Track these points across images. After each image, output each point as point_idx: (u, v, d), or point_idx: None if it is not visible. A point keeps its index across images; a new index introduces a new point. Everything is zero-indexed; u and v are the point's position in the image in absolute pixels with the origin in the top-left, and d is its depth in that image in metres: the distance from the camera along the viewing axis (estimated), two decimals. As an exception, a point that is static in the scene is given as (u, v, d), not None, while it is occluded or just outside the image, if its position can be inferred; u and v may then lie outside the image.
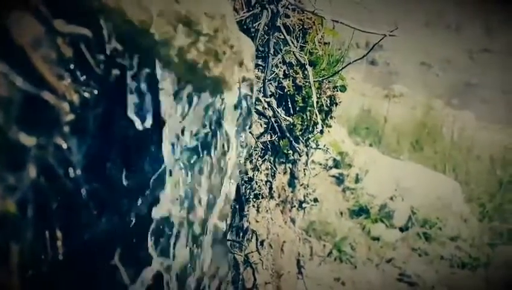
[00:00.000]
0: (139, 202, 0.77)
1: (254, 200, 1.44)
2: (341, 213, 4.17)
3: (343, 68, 1.66)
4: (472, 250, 3.84)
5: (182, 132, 0.72)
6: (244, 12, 1.33)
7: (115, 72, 0.59)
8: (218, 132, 0.78)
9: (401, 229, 4.11)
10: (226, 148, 0.80)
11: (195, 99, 0.72)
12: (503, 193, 4.61)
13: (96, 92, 0.57)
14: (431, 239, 3.98)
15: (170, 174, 0.73)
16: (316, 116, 1.56)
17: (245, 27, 1.35)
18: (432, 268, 3.62)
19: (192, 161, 0.76)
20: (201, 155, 0.77)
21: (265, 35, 1.41)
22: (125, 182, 0.74)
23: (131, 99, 0.63)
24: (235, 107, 0.81)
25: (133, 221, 0.76)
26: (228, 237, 1.31)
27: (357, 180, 4.60)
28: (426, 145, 5.91)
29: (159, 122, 0.68)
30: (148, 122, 0.65)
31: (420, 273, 3.44)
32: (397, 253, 3.81)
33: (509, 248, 3.87)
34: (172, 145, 0.71)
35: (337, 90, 1.76)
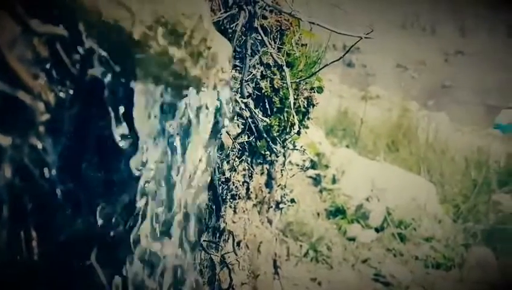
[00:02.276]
0: (115, 201, 0.76)
1: (231, 200, 1.44)
2: (318, 214, 4.20)
3: (320, 70, 1.67)
4: (446, 250, 3.90)
5: (157, 132, 0.72)
6: (221, 13, 1.33)
7: (91, 71, 0.59)
8: (192, 134, 0.78)
9: (377, 230, 4.16)
10: (200, 150, 0.81)
11: (171, 100, 0.73)
12: (477, 194, 4.70)
13: (71, 91, 0.57)
14: (406, 240, 4.04)
15: (144, 174, 0.73)
16: (293, 117, 1.57)
17: (222, 28, 1.35)
18: (406, 268, 3.67)
19: (166, 162, 0.76)
20: (174, 157, 0.77)
21: (242, 36, 1.41)
22: (101, 182, 0.74)
23: (107, 99, 0.63)
24: (213, 108, 0.81)
25: (110, 221, 0.76)
26: (204, 237, 1.31)
27: (333, 181, 4.63)
28: (402, 146, 5.99)
29: (134, 123, 0.68)
30: (124, 123, 0.64)
31: (395, 273, 3.48)
32: (373, 253, 3.85)
33: (483, 248, 3.94)
34: (146, 145, 0.71)
35: (314, 92, 1.77)
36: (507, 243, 4.04)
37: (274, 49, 1.53)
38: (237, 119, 1.41)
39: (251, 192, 1.61)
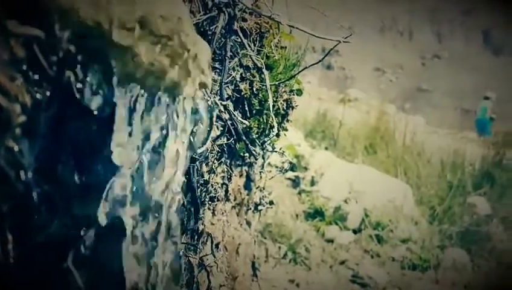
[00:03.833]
0: (92, 204, 0.76)
1: (210, 203, 1.44)
2: (296, 215, 4.21)
3: (299, 72, 1.68)
4: (422, 252, 3.95)
5: (136, 134, 0.72)
6: (200, 15, 1.33)
7: (68, 73, 0.58)
8: (171, 135, 0.78)
9: (355, 231, 4.19)
10: (179, 152, 0.80)
11: (149, 102, 0.72)
12: (453, 197, 4.77)
13: (48, 93, 0.57)
14: (383, 241, 4.08)
15: (121, 177, 0.72)
16: (273, 119, 1.58)
17: (202, 30, 1.35)
18: (383, 270, 3.71)
19: (142, 165, 0.75)
20: (151, 159, 0.77)
21: (222, 39, 1.42)
22: (77, 185, 0.73)
23: (84, 100, 0.63)
24: (192, 111, 0.81)
25: (86, 223, 0.75)
26: (183, 240, 1.30)
27: (312, 183, 4.66)
28: (379, 149, 6.05)
29: (111, 124, 0.67)
30: (101, 125, 0.64)
31: (372, 274, 3.52)
32: (350, 255, 3.88)
33: (458, 250, 4.01)
34: (122, 148, 0.70)
35: (294, 94, 1.78)
36: (481, 244, 4.12)
37: (253, 51, 1.54)
38: (216, 122, 1.41)
39: (230, 194, 1.61)
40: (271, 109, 1.53)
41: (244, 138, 1.51)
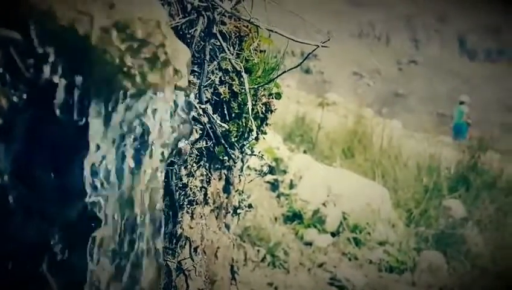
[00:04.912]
0: (69, 208, 0.75)
1: (188, 206, 1.44)
2: (275, 219, 4.22)
3: (278, 76, 1.69)
4: (399, 254, 4.00)
5: (112, 137, 0.72)
6: (179, 18, 1.32)
7: (45, 76, 0.57)
8: (149, 140, 0.78)
9: (333, 234, 4.22)
10: (156, 157, 0.80)
11: (127, 105, 0.72)
12: (428, 199, 4.84)
13: (25, 96, 0.56)
14: (361, 244, 4.12)
15: (98, 180, 0.71)
16: (252, 123, 1.58)
17: (181, 33, 1.35)
18: (361, 272, 3.75)
19: (120, 168, 0.75)
20: (128, 163, 0.76)
21: (201, 42, 1.41)
22: (54, 188, 0.72)
23: (61, 103, 0.62)
24: (170, 114, 0.81)
25: (63, 228, 0.74)
26: (161, 244, 1.29)
27: (291, 186, 4.68)
28: (357, 152, 6.10)
29: (87, 128, 0.67)
30: (78, 128, 0.63)
31: (350, 277, 3.55)
32: (328, 257, 3.90)
33: (434, 252, 4.06)
34: (99, 151, 0.70)
35: (273, 98, 1.79)
36: (456, 247, 4.18)
37: (233, 55, 1.54)
38: (195, 125, 1.40)
39: (209, 197, 1.60)
40: (250, 112, 1.53)
41: (223, 141, 1.51)
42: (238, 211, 1.97)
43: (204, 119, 1.42)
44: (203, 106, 1.40)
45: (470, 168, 5.66)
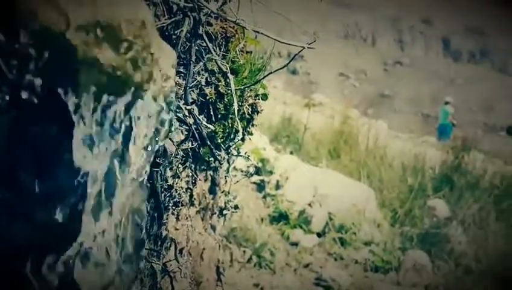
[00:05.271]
0: (53, 210, 0.74)
1: (174, 207, 1.43)
2: (261, 219, 4.22)
3: (264, 77, 1.69)
4: (384, 254, 4.03)
5: (97, 138, 0.71)
6: (165, 19, 1.32)
7: (28, 77, 0.57)
8: (133, 141, 0.77)
9: (319, 235, 4.24)
10: (140, 158, 0.79)
11: (111, 106, 0.71)
12: (413, 199, 4.88)
13: (7, 97, 0.55)
14: (346, 244, 4.14)
15: (82, 182, 0.71)
16: (238, 124, 1.58)
17: (166, 34, 1.34)
18: (346, 272, 3.76)
19: (104, 170, 0.74)
20: (112, 164, 0.76)
21: (187, 43, 1.41)
22: (38, 191, 0.71)
23: (44, 104, 0.61)
24: (154, 115, 0.80)
25: (46, 230, 0.73)
26: (146, 245, 1.29)
27: (277, 187, 4.68)
28: (343, 153, 6.13)
29: (72, 129, 0.66)
30: (62, 129, 0.63)
31: (336, 277, 3.56)
32: (314, 258, 3.92)
33: (418, 252, 4.10)
34: (85, 152, 0.69)
35: (259, 99, 1.79)
36: (441, 246, 4.22)
37: (219, 56, 1.53)
38: (181, 126, 1.40)
39: (194, 199, 1.60)
40: (236, 113, 1.53)
41: (209, 142, 1.50)
42: (224, 212, 1.97)
43: (190, 120, 1.42)
44: (188, 107, 1.40)
45: (454, 168, 5.72)
